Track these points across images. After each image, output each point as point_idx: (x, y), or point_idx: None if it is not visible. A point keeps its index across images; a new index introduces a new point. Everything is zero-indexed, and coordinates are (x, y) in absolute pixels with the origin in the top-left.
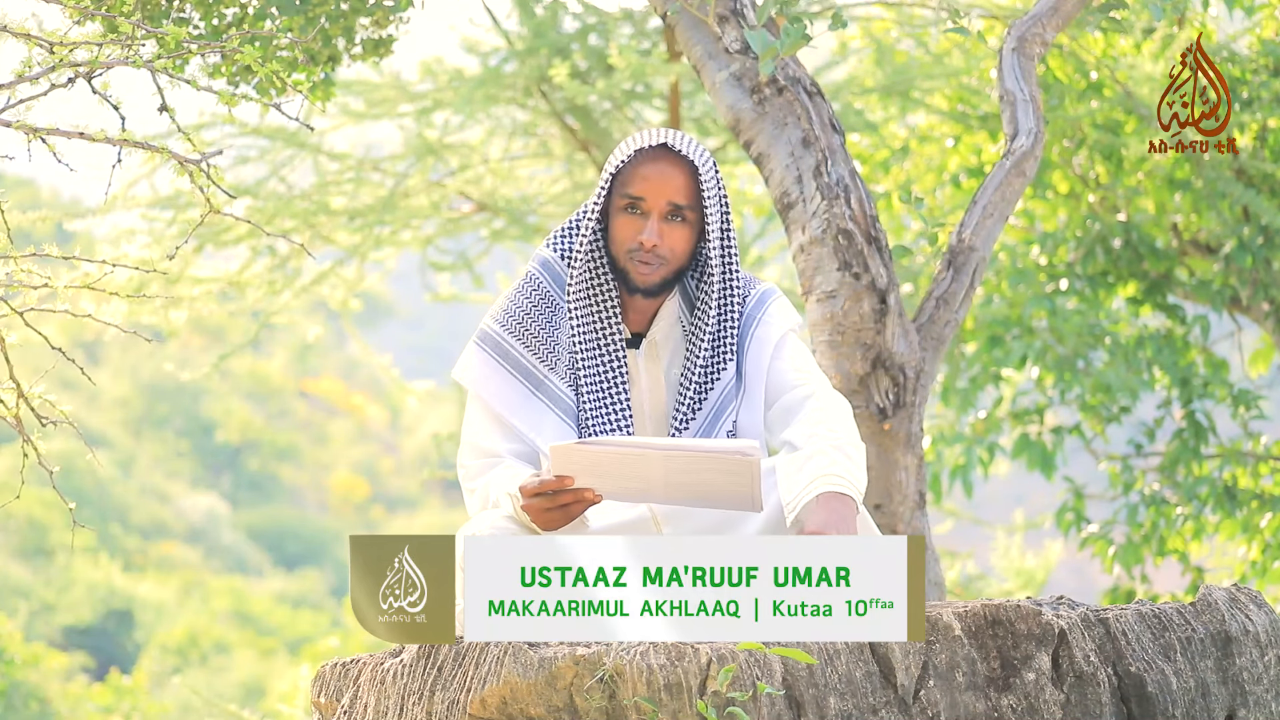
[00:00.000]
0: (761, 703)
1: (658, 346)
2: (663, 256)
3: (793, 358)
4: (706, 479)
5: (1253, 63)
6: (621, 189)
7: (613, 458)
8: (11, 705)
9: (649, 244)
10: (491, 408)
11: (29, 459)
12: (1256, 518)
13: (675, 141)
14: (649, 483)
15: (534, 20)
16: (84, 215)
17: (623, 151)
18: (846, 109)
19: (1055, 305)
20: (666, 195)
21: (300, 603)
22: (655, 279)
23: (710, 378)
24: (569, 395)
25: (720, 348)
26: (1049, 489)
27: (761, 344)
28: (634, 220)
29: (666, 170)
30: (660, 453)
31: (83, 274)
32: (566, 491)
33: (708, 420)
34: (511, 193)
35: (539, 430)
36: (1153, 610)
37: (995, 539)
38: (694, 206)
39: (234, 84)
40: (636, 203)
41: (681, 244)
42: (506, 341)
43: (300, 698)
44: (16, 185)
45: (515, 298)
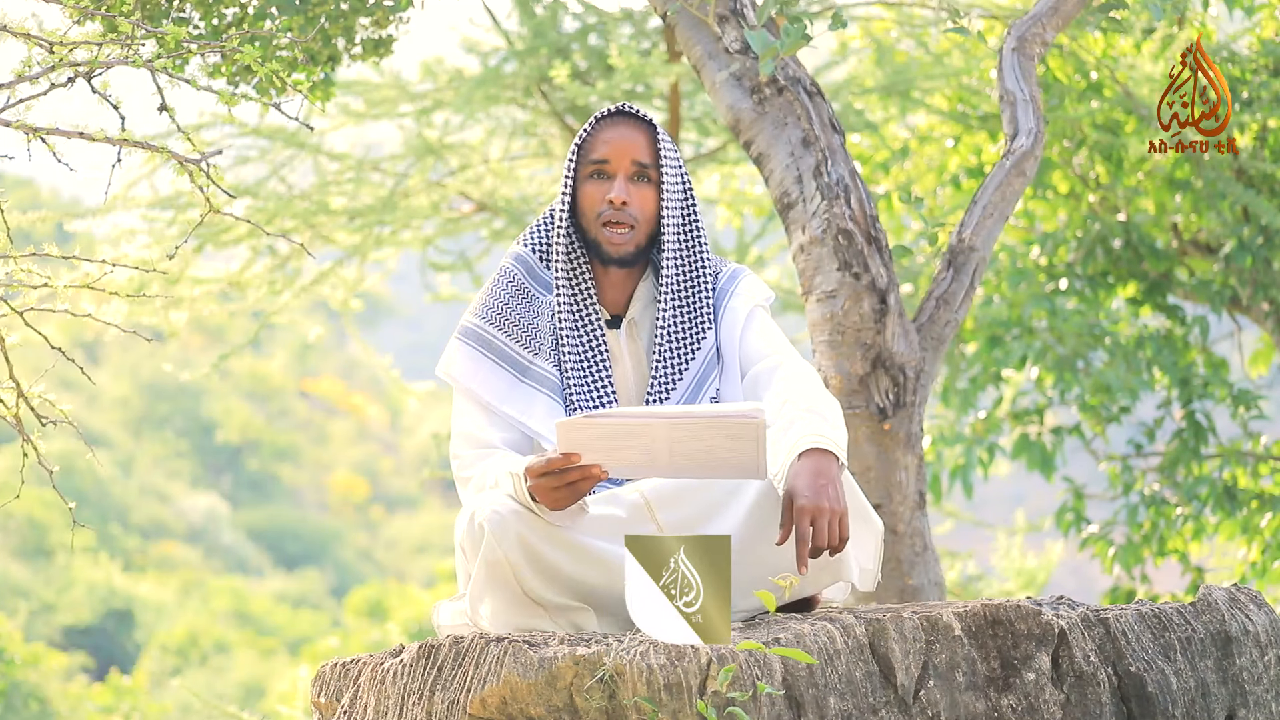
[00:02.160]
0: (761, 703)
1: (636, 325)
2: (633, 216)
3: (761, 331)
4: (711, 445)
5: (1253, 63)
6: (586, 157)
7: (617, 429)
8: (11, 705)
9: (618, 200)
10: (480, 399)
11: (29, 459)
12: (1256, 518)
13: (631, 106)
14: (654, 454)
15: (534, 20)
16: (84, 215)
17: (585, 126)
18: (846, 109)
19: (1055, 305)
20: (630, 154)
21: (300, 603)
22: (629, 246)
23: (689, 348)
24: (555, 375)
25: (695, 317)
26: (1049, 489)
27: (734, 314)
28: (601, 184)
29: (627, 132)
30: (665, 421)
31: (83, 274)
32: (574, 469)
33: (689, 391)
34: (511, 193)
35: (529, 414)
36: (1153, 610)
37: (995, 539)
38: (656, 166)
39: (234, 84)
40: (602, 166)
41: (649, 204)
42: (488, 332)
43: (300, 698)
44: (16, 185)
45: (492, 290)
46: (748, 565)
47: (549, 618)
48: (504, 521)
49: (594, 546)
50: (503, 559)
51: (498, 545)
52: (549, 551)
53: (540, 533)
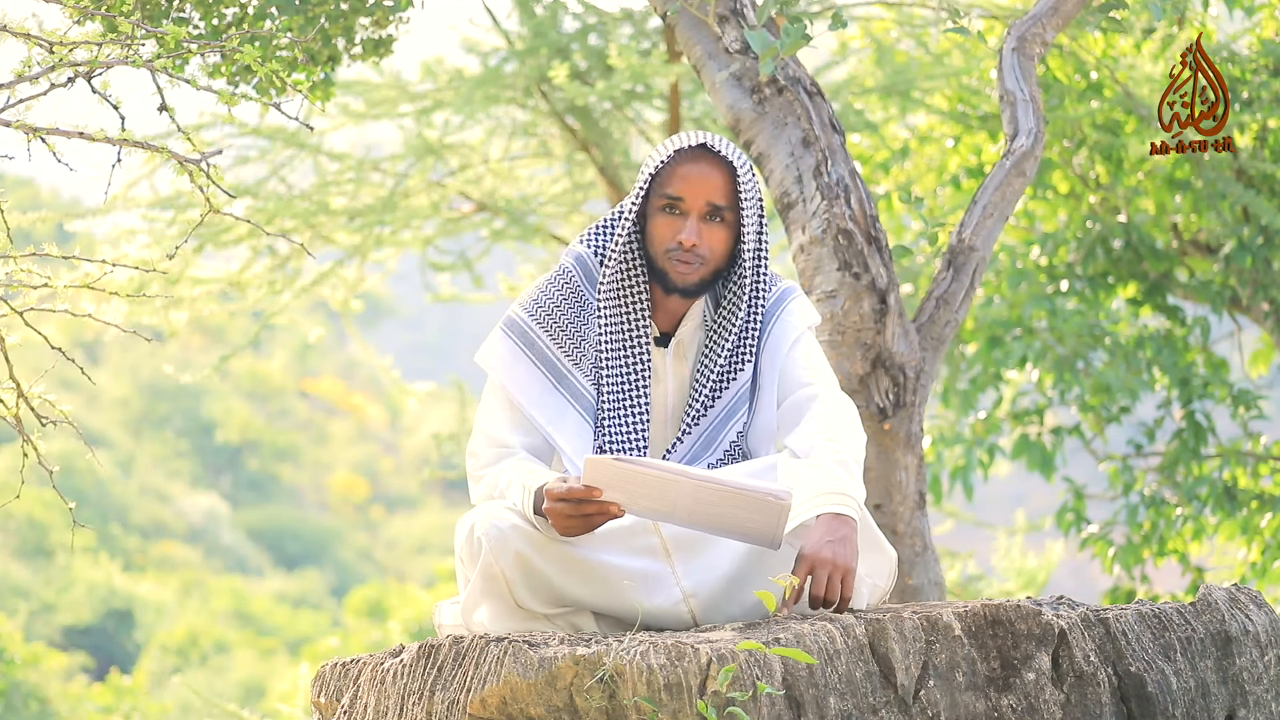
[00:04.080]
0: (761, 703)
1: (685, 346)
2: (702, 256)
3: (805, 356)
4: (731, 513)
5: (1253, 63)
6: (660, 189)
7: (644, 479)
8: (11, 705)
9: (688, 243)
10: (512, 396)
11: (29, 459)
12: (1256, 518)
13: (714, 143)
14: (674, 507)
15: (534, 20)
16: (84, 215)
17: (661, 152)
18: (846, 109)
19: (1055, 306)
20: (705, 195)
21: (300, 603)
22: (694, 279)
23: (727, 377)
24: (590, 392)
25: (741, 349)
26: (1049, 489)
27: (778, 340)
28: (673, 220)
29: (706, 171)
30: (692, 481)
31: (83, 274)
32: (592, 503)
33: (719, 418)
34: (511, 193)
35: (558, 426)
36: (1153, 610)
37: (996, 539)
38: (732, 208)
39: (234, 84)
40: (675, 203)
41: (720, 244)
42: (533, 331)
43: (300, 698)
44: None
45: (546, 288)
46: (747, 588)
47: (546, 624)
48: (503, 536)
49: (592, 560)
50: (499, 574)
51: (495, 561)
52: (546, 567)
53: (538, 547)
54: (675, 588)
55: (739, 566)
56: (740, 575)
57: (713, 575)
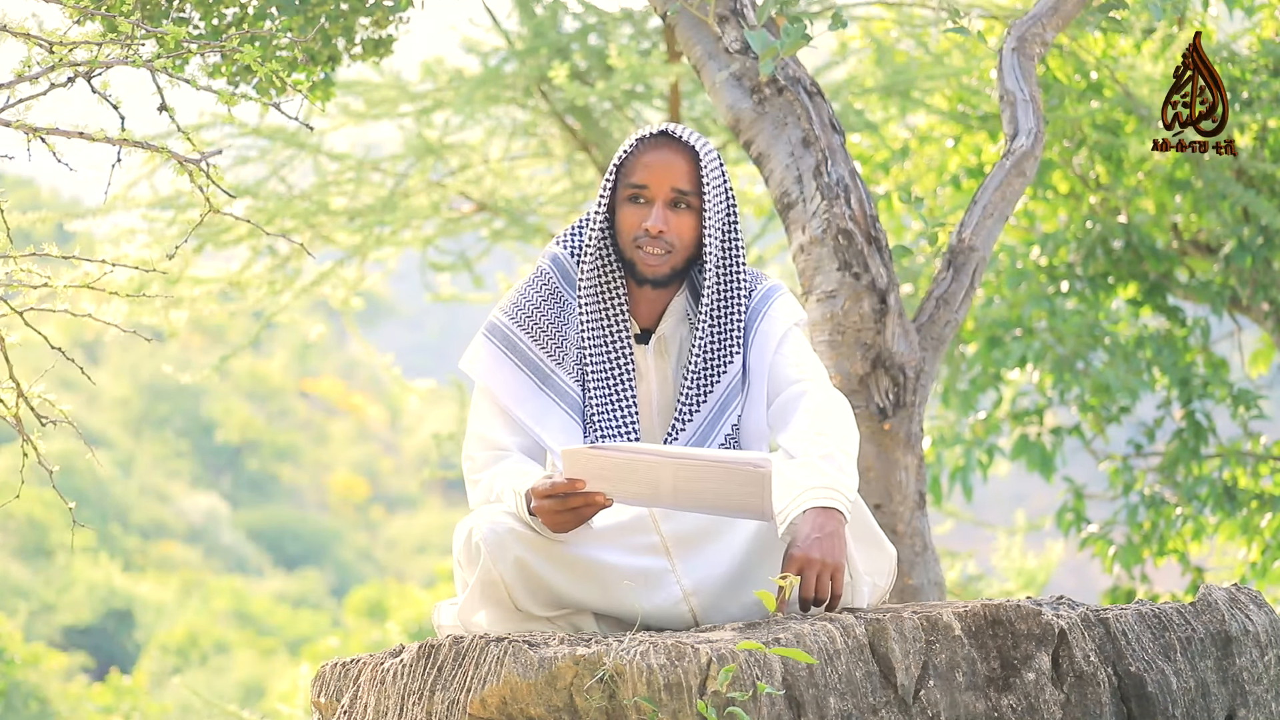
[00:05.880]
0: (761, 703)
1: (666, 342)
2: (669, 243)
3: (794, 353)
4: (716, 488)
5: (1253, 63)
6: (625, 180)
7: (624, 464)
8: (11, 705)
9: (654, 229)
10: (498, 400)
11: (29, 459)
12: (1256, 518)
13: (676, 130)
14: (658, 489)
15: (534, 20)
16: (84, 215)
17: (626, 144)
18: (846, 109)
19: (1055, 306)
20: (670, 181)
21: (300, 603)
22: (664, 269)
23: (716, 370)
24: (575, 390)
25: (726, 340)
26: (1049, 489)
27: (765, 338)
28: (639, 209)
29: (668, 157)
30: (672, 461)
31: (83, 274)
32: (578, 495)
33: (712, 414)
34: (511, 193)
35: (544, 425)
36: (1153, 610)
37: (996, 539)
38: (697, 193)
39: (234, 84)
40: (640, 191)
41: (688, 231)
42: (514, 334)
43: (300, 698)
44: (16, 185)
45: (525, 291)
46: (747, 586)
47: (547, 625)
48: (501, 541)
49: (592, 560)
50: (498, 579)
51: (493, 566)
52: (545, 570)
53: (537, 550)
54: (675, 586)
55: (740, 564)
56: (741, 573)
57: (713, 574)
